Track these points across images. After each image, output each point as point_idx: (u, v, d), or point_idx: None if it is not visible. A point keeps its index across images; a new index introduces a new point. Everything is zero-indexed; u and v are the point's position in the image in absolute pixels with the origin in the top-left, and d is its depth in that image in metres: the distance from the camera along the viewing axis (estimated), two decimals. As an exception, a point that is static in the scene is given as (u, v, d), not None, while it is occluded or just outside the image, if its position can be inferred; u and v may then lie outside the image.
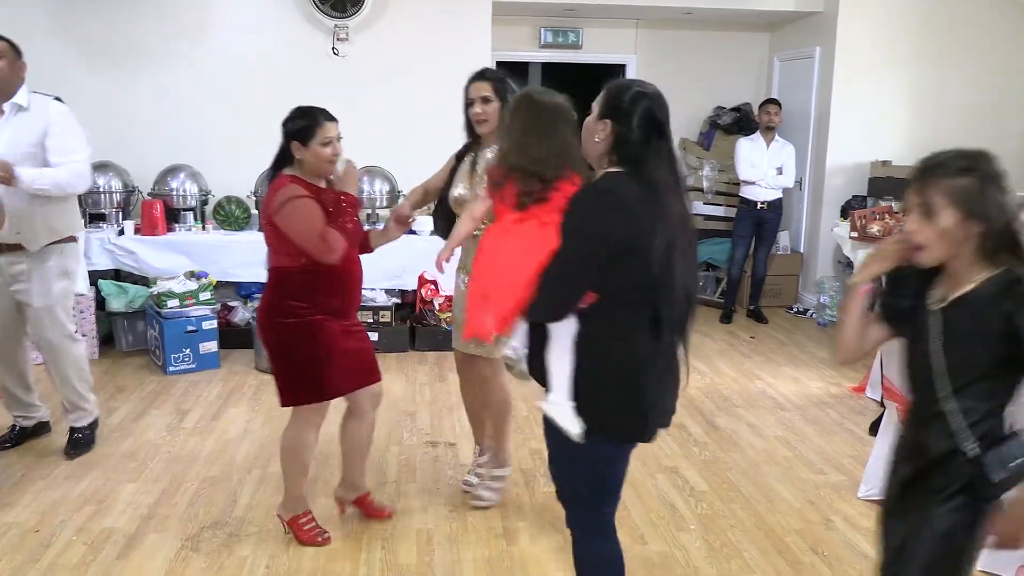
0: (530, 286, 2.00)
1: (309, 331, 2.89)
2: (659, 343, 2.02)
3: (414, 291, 5.83)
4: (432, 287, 5.70)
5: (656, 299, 1.98)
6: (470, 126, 3.27)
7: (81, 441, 3.89)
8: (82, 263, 3.97)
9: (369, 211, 5.91)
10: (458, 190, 3.24)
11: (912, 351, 1.89)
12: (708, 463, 3.95)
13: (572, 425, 2.04)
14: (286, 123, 2.87)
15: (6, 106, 3.59)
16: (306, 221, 2.79)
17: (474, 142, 3.30)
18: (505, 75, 3.24)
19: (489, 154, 3.19)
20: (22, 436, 3.98)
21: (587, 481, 2.17)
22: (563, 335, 2.04)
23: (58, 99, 3.81)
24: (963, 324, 1.76)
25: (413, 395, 4.83)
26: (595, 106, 2.09)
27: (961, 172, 1.73)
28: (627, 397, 2.04)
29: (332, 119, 2.88)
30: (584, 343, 2.02)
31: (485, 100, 3.17)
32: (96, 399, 4.01)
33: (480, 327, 2.12)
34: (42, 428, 4.07)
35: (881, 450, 3.53)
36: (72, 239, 3.80)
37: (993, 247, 1.73)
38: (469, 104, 3.22)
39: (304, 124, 2.83)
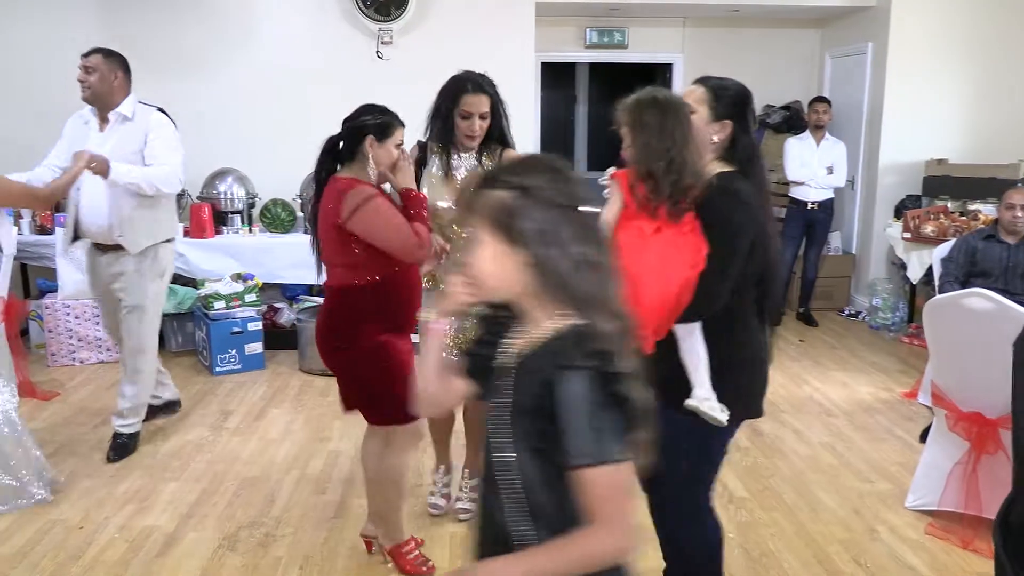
0: (678, 295, 2.03)
1: (379, 356, 2.67)
2: (763, 327, 2.22)
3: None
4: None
5: (763, 289, 2.18)
6: (443, 130, 3.05)
7: (126, 446, 3.95)
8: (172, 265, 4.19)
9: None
10: (442, 202, 3.04)
11: (489, 415, 1.47)
12: (750, 469, 3.86)
13: (719, 415, 2.12)
14: (363, 116, 2.68)
15: (111, 115, 3.78)
16: (391, 219, 2.59)
17: (439, 146, 3.10)
18: (497, 88, 3.05)
19: (474, 162, 3.06)
20: (151, 413, 4.21)
21: (703, 462, 2.27)
22: (689, 333, 2.13)
23: (161, 110, 3.92)
24: (524, 388, 1.34)
25: (453, 397, 4.82)
26: (700, 106, 2.16)
27: (505, 185, 1.31)
28: (754, 379, 2.24)
29: (403, 124, 2.76)
30: (713, 336, 2.13)
31: (484, 116, 2.98)
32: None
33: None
34: (171, 407, 4.39)
35: (931, 458, 3.42)
36: (169, 239, 4.01)
37: (553, 288, 1.32)
38: (464, 116, 2.98)
39: (385, 121, 2.68)
